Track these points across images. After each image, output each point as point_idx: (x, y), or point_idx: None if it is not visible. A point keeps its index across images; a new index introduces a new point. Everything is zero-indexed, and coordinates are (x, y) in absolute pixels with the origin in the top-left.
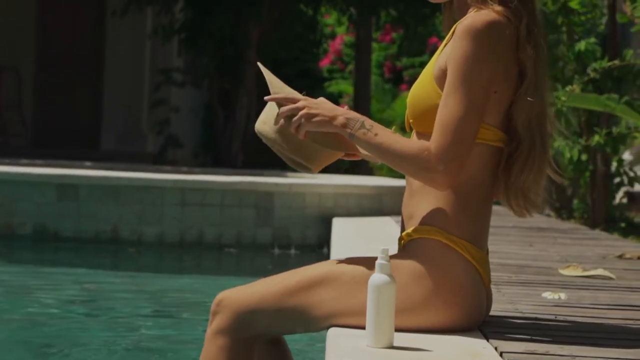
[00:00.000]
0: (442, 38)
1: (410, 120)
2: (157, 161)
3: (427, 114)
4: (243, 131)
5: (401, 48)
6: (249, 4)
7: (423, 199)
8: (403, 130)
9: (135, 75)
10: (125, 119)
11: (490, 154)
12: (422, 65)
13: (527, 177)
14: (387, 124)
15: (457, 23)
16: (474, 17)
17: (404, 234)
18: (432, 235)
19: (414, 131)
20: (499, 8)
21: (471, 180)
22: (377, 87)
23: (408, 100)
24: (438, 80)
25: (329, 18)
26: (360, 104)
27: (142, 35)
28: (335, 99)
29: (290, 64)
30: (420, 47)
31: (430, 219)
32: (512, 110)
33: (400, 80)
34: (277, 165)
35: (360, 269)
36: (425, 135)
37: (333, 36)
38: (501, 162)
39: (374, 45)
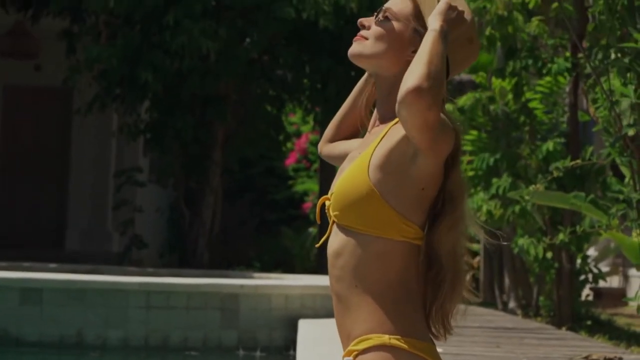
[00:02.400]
0: None
1: (336, 213)
2: (122, 261)
3: (355, 206)
4: (209, 230)
5: None
6: (213, 105)
7: (357, 311)
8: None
9: (101, 174)
10: (90, 218)
11: (413, 251)
12: None
13: (450, 305)
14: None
15: (391, 123)
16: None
17: (347, 350)
18: (376, 341)
19: (331, 225)
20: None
21: (397, 279)
22: None
23: (335, 192)
24: (374, 177)
25: (294, 117)
26: None
27: (108, 134)
28: (301, 198)
29: (255, 163)
30: None
31: (369, 328)
32: (438, 238)
33: None
34: (243, 263)
35: None
36: (347, 229)
37: (298, 134)
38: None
39: None
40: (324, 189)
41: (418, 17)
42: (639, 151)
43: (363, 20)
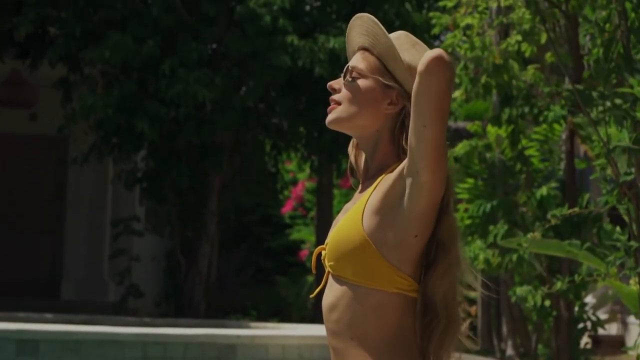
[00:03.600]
0: None
1: (330, 263)
2: (119, 311)
3: (349, 258)
4: (205, 279)
5: None
6: (209, 153)
7: None
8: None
9: (97, 222)
10: (86, 268)
11: (408, 303)
12: None
13: (445, 353)
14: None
15: (384, 174)
16: None
17: None
18: None
19: (326, 276)
20: None
21: (393, 331)
22: None
23: (330, 242)
24: (368, 228)
25: (291, 164)
26: None
27: (104, 183)
28: (297, 245)
29: (252, 211)
30: None
31: None
32: (432, 285)
33: None
34: (240, 312)
35: None
36: (341, 280)
37: (294, 182)
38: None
39: (335, 191)
40: (321, 237)
41: (385, 70)
42: (636, 198)
43: (333, 84)
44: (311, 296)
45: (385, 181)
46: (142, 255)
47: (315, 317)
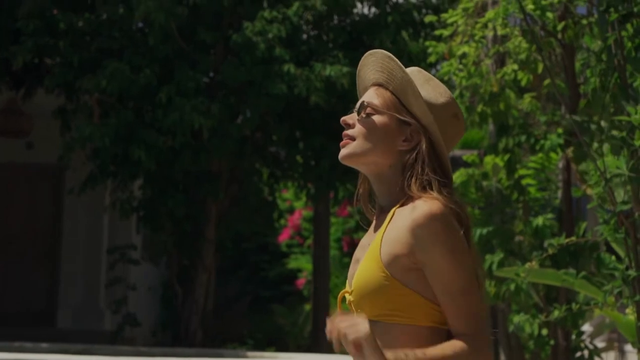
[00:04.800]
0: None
1: (360, 310)
2: (115, 340)
3: (379, 300)
4: (202, 308)
5: (359, 222)
6: (206, 182)
7: None
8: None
9: (93, 251)
10: (82, 297)
11: (442, 335)
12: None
13: None
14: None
15: (394, 208)
16: (425, 209)
17: None
18: None
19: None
20: (439, 197)
21: None
22: (336, 262)
23: (355, 288)
24: (389, 265)
25: (287, 193)
26: (319, 279)
27: (100, 212)
28: (294, 274)
29: (249, 239)
30: None
31: None
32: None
33: None
34: (236, 341)
35: None
36: (375, 322)
37: (291, 210)
38: None
39: (332, 219)
40: (318, 265)
41: (401, 105)
42: (633, 228)
43: (346, 119)
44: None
45: (398, 218)
46: (139, 284)
47: (312, 346)
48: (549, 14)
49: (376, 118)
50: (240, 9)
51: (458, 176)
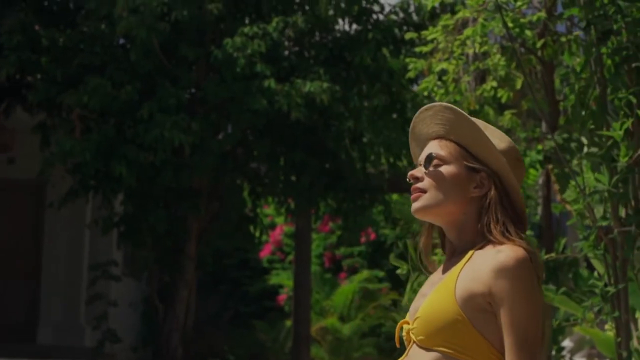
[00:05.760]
0: (377, 229)
1: (421, 337)
2: (96, 356)
3: (443, 331)
4: (183, 324)
5: (340, 238)
6: (187, 198)
7: None
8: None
9: (74, 267)
10: (62, 313)
11: None
12: (361, 254)
13: None
14: (327, 313)
15: (472, 250)
16: (511, 254)
17: None
18: None
19: (410, 348)
20: (522, 243)
21: None
22: (317, 277)
23: (421, 317)
24: (462, 301)
25: (268, 208)
26: (301, 295)
27: (81, 228)
28: (275, 290)
29: (230, 255)
30: (357, 237)
31: None
32: None
33: (340, 269)
34: (217, 357)
35: None
36: (430, 349)
37: (273, 226)
38: None
39: (314, 235)
40: (299, 281)
41: (467, 153)
42: (612, 244)
43: (414, 173)
44: None
45: (476, 260)
46: (120, 300)
47: None
48: (528, 32)
49: (444, 169)
50: (222, 25)
51: None
